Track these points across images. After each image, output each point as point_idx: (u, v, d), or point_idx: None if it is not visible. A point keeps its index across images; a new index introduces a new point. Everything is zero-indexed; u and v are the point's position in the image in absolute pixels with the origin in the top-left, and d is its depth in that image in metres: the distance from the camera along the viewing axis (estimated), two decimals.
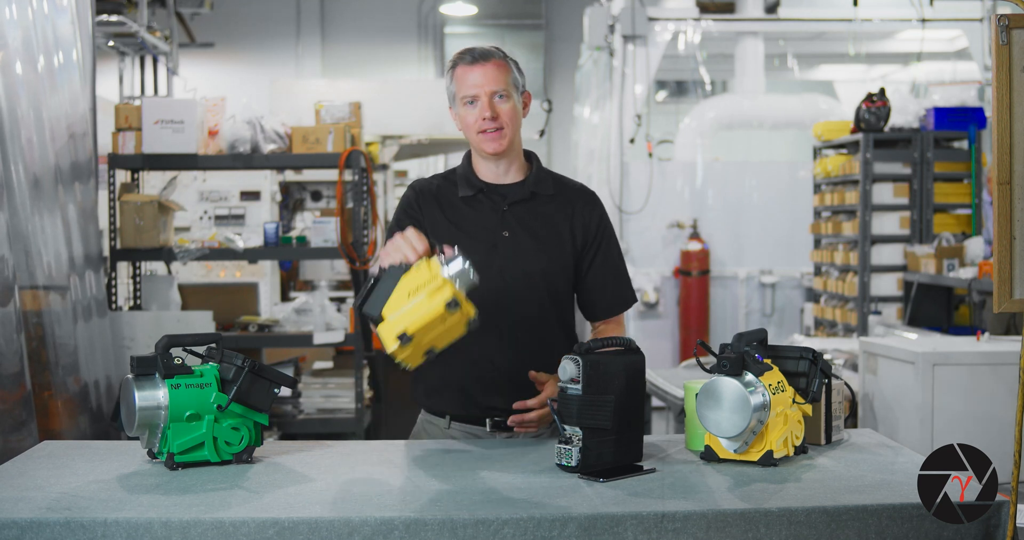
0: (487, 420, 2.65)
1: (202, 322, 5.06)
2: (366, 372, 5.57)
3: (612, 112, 9.41)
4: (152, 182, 5.97)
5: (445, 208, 2.67)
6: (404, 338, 2.05)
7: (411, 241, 2.21)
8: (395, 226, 2.71)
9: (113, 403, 2.93)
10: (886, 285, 7.34)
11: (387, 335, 2.07)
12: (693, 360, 5.32)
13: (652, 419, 6.16)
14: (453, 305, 2.07)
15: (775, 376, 2.30)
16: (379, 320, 2.10)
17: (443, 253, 2.17)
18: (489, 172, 2.69)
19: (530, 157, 2.75)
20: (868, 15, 9.62)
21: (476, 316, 2.14)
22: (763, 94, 10.05)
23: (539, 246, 2.65)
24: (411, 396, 2.78)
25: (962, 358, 4.11)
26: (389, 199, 9.09)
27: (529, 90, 2.70)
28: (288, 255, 6.25)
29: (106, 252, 5.21)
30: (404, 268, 2.13)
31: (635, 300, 2.81)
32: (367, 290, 2.13)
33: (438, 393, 2.69)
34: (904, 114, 7.27)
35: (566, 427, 2.22)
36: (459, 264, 2.13)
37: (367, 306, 2.11)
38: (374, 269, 2.25)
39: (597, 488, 2.12)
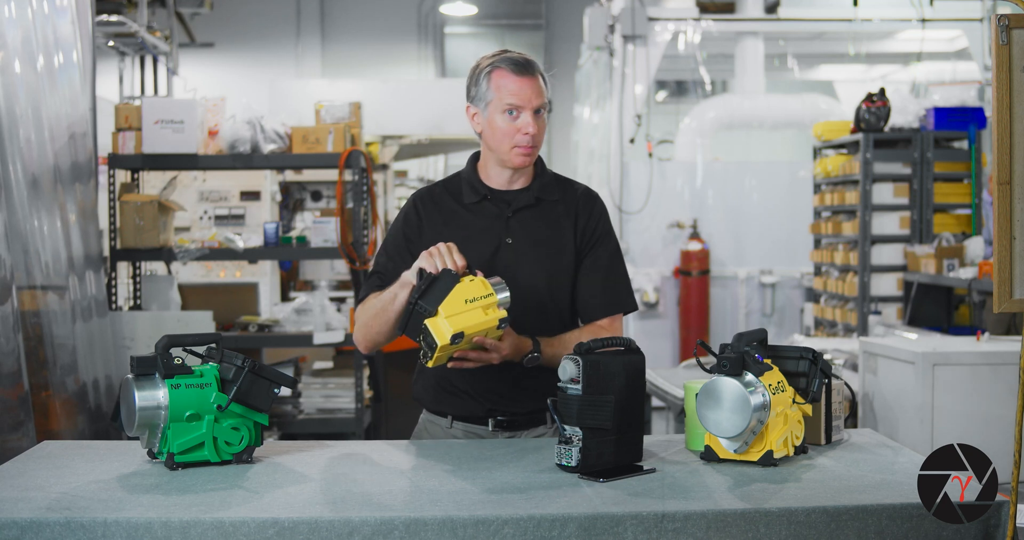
0: (489, 420, 2.65)
1: (202, 322, 5.06)
2: (366, 372, 5.57)
3: (612, 112, 9.41)
4: (152, 182, 5.97)
5: (447, 216, 2.67)
6: (457, 337, 2.32)
7: (453, 254, 2.41)
8: (390, 237, 2.71)
9: (113, 403, 2.93)
10: (886, 285, 7.34)
11: (442, 330, 2.32)
12: (693, 360, 5.32)
13: (652, 419, 6.16)
14: (504, 322, 2.39)
15: (775, 376, 2.30)
16: (433, 314, 2.33)
17: (477, 274, 2.41)
18: (498, 178, 2.68)
19: (536, 160, 2.74)
20: (868, 15, 9.62)
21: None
22: (763, 94, 10.05)
23: (542, 253, 2.64)
24: (412, 396, 2.78)
25: (962, 358, 4.11)
26: (389, 199, 9.09)
27: None
28: (288, 255, 6.25)
29: (106, 252, 5.21)
30: (457, 277, 2.37)
31: (633, 307, 2.73)
32: (425, 285, 2.35)
33: (440, 394, 2.68)
34: (904, 114, 7.27)
35: (566, 427, 2.22)
36: (507, 292, 2.41)
37: (425, 300, 2.34)
38: (412, 270, 2.45)
39: (597, 488, 2.12)
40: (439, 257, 2.39)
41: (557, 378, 2.25)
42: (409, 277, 2.45)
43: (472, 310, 2.34)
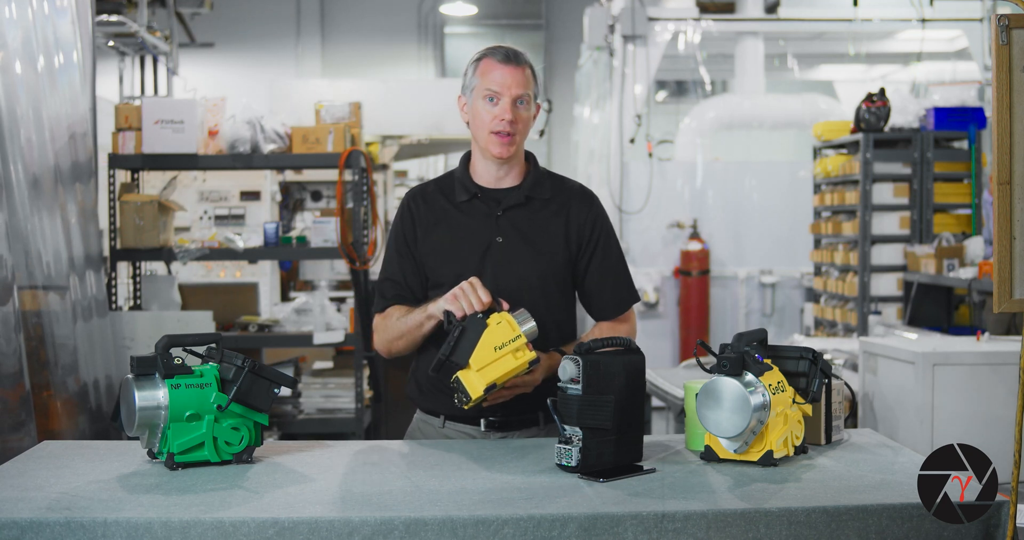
0: (481, 420, 2.65)
1: (202, 322, 5.06)
2: (366, 372, 5.57)
3: (612, 112, 9.41)
4: (152, 182, 5.97)
5: (438, 215, 2.67)
6: (491, 389, 2.37)
7: (477, 291, 2.43)
8: (392, 240, 2.72)
9: (113, 403, 2.93)
10: (886, 285, 7.34)
11: (475, 383, 2.36)
12: (693, 360, 5.32)
13: (652, 419, 6.16)
14: (534, 364, 2.41)
15: (775, 376, 2.30)
16: (464, 366, 2.37)
17: (502, 307, 2.44)
18: (487, 175, 2.68)
19: (528, 158, 2.74)
20: (868, 15, 9.62)
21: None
22: (763, 94, 10.05)
23: (533, 251, 2.64)
24: (406, 395, 2.79)
25: (962, 358, 4.11)
26: (389, 199, 9.09)
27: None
28: (288, 255, 6.25)
29: (106, 252, 5.21)
30: (484, 322, 2.39)
31: (636, 299, 2.79)
32: (454, 340, 2.38)
33: (432, 393, 2.69)
34: (904, 114, 7.26)
35: (566, 427, 2.22)
36: (532, 324, 2.42)
37: (456, 355, 2.37)
38: (439, 307, 2.49)
39: (597, 488, 2.12)
40: (464, 298, 2.41)
41: (550, 379, 2.25)
42: (435, 312, 2.49)
43: (502, 357, 2.37)
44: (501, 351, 2.38)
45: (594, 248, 2.69)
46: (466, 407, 2.40)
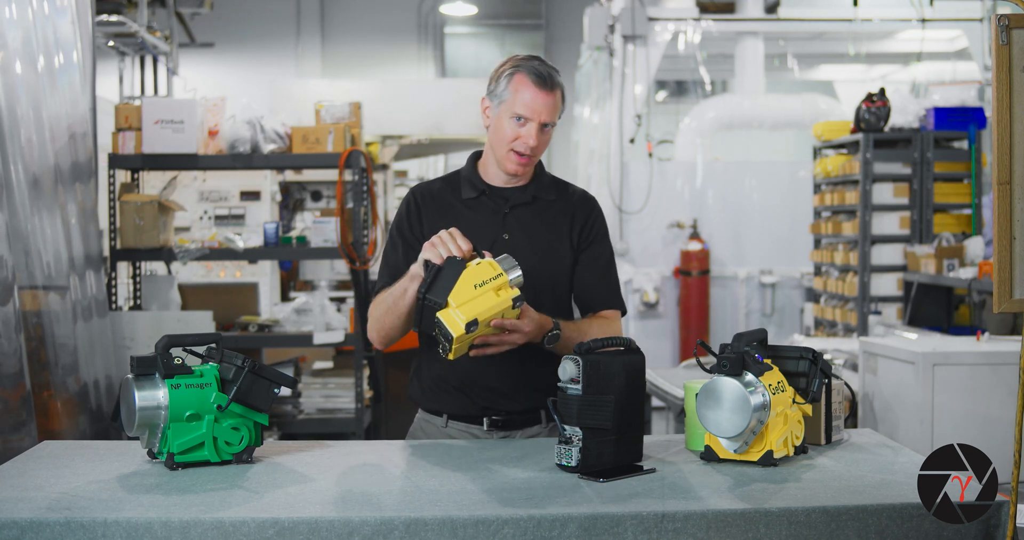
0: (484, 419, 2.65)
1: (202, 322, 5.06)
2: (366, 372, 5.57)
3: (612, 112, 9.42)
4: (152, 182, 5.97)
5: (444, 210, 2.69)
6: (472, 325, 2.26)
7: (456, 240, 2.38)
8: (393, 231, 2.72)
9: (113, 403, 2.93)
10: (886, 285, 7.34)
11: (455, 320, 2.26)
12: (693, 360, 5.32)
13: (652, 419, 6.16)
14: (519, 300, 2.33)
15: (775, 376, 2.30)
16: (443, 306, 2.27)
17: (485, 256, 2.37)
18: (496, 175, 2.71)
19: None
20: (868, 15, 9.63)
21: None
22: (763, 94, 10.05)
23: (538, 249, 2.65)
24: (407, 396, 2.79)
25: (962, 358, 4.11)
26: (389, 199, 9.09)
27: None
28: (288, 255, 6.25)
29: (106, 252, 5.21)
30: (463, 263, 2.30)
31: (625, 310, 2.77)
32: (430, 278, 2.30)
33: (435, 392, 2.69)
34: (904, 114, 7.27)
35: (566, 427, 2.22)
36: (518, 270, 2.36)
37: (433, 292, 2.27)
38: (418, 263, 2.42)
39: (597, 488, 2.12)
40: (442, 245, 2.38)
41: (553, 376, 2.25)
42: (417, 270, 2.44)
43: (483, 294, 2.29)
44: (482, 288, 2.29)
45: (587, 247, 2.72)
46: (451, 356, 2.31)
